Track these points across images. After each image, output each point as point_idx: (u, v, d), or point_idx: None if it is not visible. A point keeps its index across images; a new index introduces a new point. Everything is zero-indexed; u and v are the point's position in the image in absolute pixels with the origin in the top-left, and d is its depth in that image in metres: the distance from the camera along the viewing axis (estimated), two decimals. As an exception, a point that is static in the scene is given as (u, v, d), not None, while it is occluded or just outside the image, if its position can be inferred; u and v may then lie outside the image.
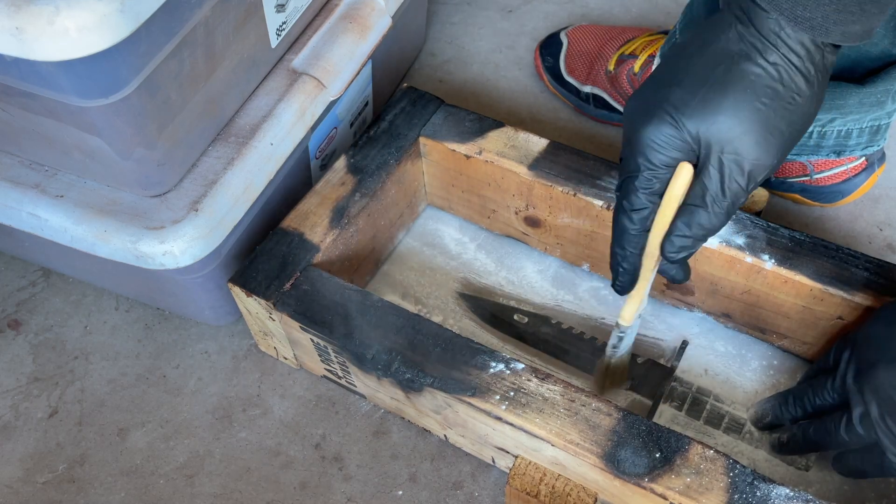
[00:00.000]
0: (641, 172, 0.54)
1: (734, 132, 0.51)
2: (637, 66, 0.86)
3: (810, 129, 0.74)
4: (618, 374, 0.69)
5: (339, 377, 0.71)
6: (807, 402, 0.62)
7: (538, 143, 0.74)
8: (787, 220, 0.83)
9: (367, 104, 0.86)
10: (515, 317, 0.75)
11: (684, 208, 0.54)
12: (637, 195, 0.55)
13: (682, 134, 0.52)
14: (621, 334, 0.64)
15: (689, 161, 0.53)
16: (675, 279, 0.58)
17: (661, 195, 0.55)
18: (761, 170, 0.52)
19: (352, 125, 0.85)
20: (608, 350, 0.67)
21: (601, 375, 0.69)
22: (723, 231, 0.67)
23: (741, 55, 0.51)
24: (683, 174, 0.53)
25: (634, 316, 0.62)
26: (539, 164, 0.72)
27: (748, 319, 0.71)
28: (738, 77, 0.51)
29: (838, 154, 0.77)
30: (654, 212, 0.55)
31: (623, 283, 0.59)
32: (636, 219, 0.56)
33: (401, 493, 0.68)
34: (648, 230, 0.56)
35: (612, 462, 0.56)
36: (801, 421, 0.63)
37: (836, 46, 0.51)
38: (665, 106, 0.52)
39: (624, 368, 0.69)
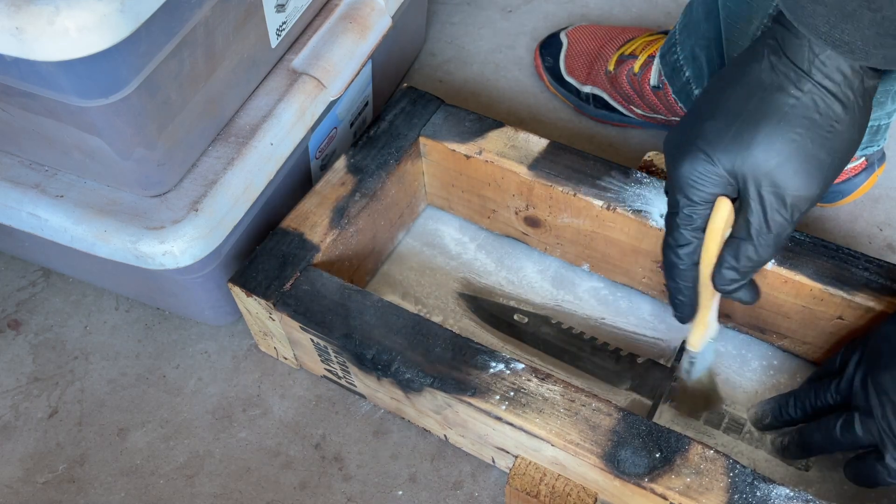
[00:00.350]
0: (681, 209, 0.54)
1: (770, 165, 0.50)
2: (637, 66, 0.86)
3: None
4: (704, 395, 0.68)
5: (339, 377, 0.71)
6: (808, 403, 0.62)
7: (538, 143, 0.74)
8: (787, 220, 0.83)
9: (367, 104, 0.86)
10: (515, 317, 0.75)
11: (731, 241, 0.54)
12: (679, 231, 0.55)
13: (717, 169, 0.51)
14: (692, 360, 0.65)
15: (729, 195, 0.53)
16: (744, 302, 0.58)
17: (703, 230, 0.54)
18: (804, 201, 0.51)
19: (352, 125, 0.85)
20: (682, 374, 0.67)
21: (683, 398, 0.69)
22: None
23: (774, 86, 0.50)
24: (722, 209, 0.53)
25: (701, 342, 0.62)
26: (539, 164, 0.72)
27: (748, 319, 0.71)
28: (771, 109, 0.50)
29: (839, 154, 0.77)
30: (699, 246, 0.55)
31: (682, 313, 0.59)
32: (681, 254, 0.56)
33: (401, 493, 0.68)
34: (697, 263, 0.56)
35: (612, 462, 0.56)
36: (801, 423, 0.63)
37: (877, 70, 0.50)
38: (698, 142, 0.52)
39: (709, 389, 0.68)
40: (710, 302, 0.58)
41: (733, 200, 0.54)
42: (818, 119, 0.50)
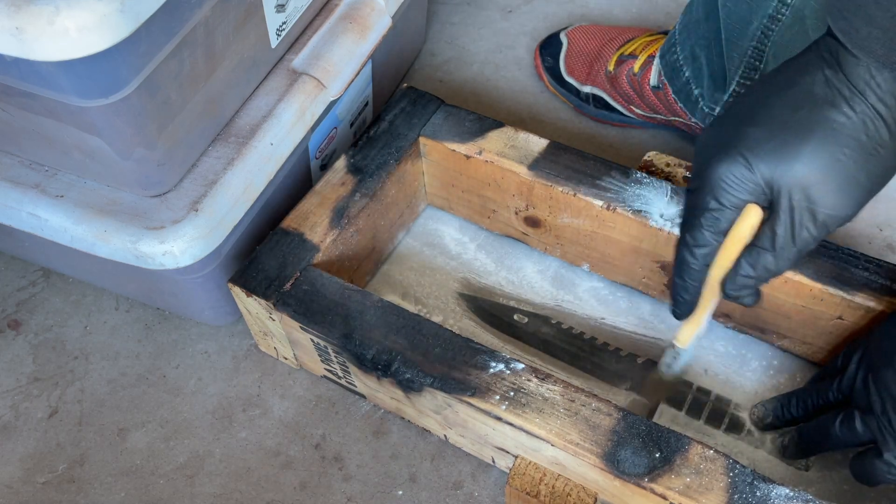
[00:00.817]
0: (708, 210, 0.53)
1: (810, 180, 0.49)
2: (637, 66, 0.86)
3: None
4: (668, 389, 0.68)
5: (339, 377, 0.71)
6: (810, 402, 0.62)
7: (538, 143, 0.74)
8: (787, 220, 0.83)
9: (367, 104, 0.86)
10: (515, 317, 0.75)
11: (751, 249, 0.53)
12: (701, 232, 0.54)
13: (754, 176, 0.51)
14: (676, 355, 0.64)
15: (759, 203, 0.52)
16: (746, 304, 0.57)
17: (725, 234, 0.54)
18: (835, 220, 0.50)
19: (352, 125, 0.85)
20: (662, 367, 0.66)
21: (654, 390, 0.69)
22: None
23: (826, 101, 0.49)
24: (751, 216, 0.52)
25: (691, 339, 0.62)
26: (539, 164, 0.72)
27: (748, 319, 0.71)
28: (821, 123, 0.49)
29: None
30: (716, 249, 0.54)
31: (682, 311, 0.59)
32: (698, 254, 0.55)
33: (401, 493, 0.68)
34: (709, 265, 0.55)
35: (612, 462, 0.56)
36: (803, 423, 0.63)
37: None
38: (739, 146, 0.51)
39: (673, 386, 0.68)
40: (709, 303, 0.58)
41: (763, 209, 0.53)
42: (865, 141, 0.49)
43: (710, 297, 0.58)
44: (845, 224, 0.52)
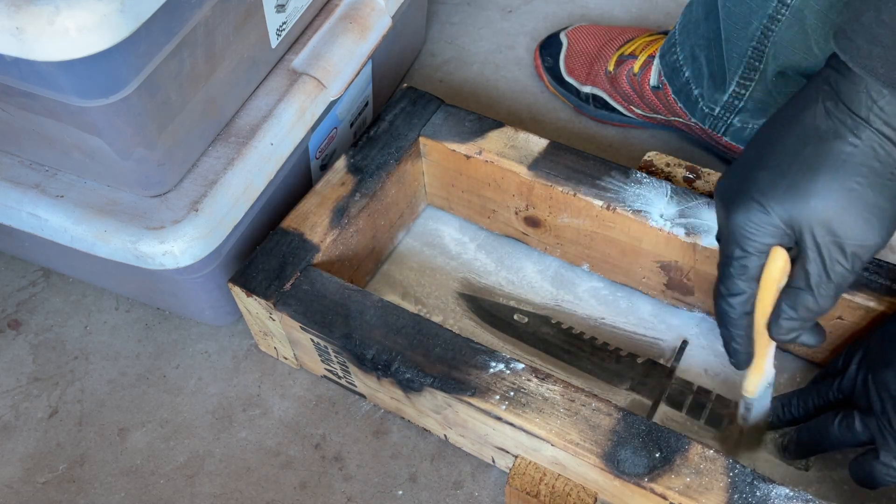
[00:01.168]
0: (735, 259, 0.53)
1: (828, 214, 0.49)
2: (636, 66, 0.86)
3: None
4: (752, 438, 0.67)
5: (339, 377, 0.71)
6: (810, 402, 0.62)
7: (538, 143, 0.74)
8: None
9: (367, 104, 0.86)
10: (515, 317, 0.75)
11: (789, 291, 0.53)
12: (733, 281, 0.53)
13: (772, 220, 0.50)
14: (748, 406, 0.63)
15: (785, 244, 0.52)
16: (809, 346, 0.56)
17: (757, 279, 0.53)
18: (866, 250, 0.50)
19: (352, 125, 0.85)
20: (739, 419, 0.65)
21: (735, 441, 0.67)
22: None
23: (830, 133, 0.48)
24: (777, 259, 0.52)
25: (758, 387, 0.61)
26: (539, 164, 0.72)
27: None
28: (829, 157, 0.48)
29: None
30: (752, 296, 0.54)
31: (738, 361, 0.58)
32: (734, 303, 0.54)
33: (401, 492, 0.68)
34: (750, 312, 0.55)
35: (612, 462, 0.56)
36: (803, 422, 0.63)
37: None
38: (752, 192, 0.50)
39: (759, 433, 0.67)
40: (765, 350, 0.58)
41: (789, 249, 0.52)
42: (878, 167, 0.48)
43: (763, 344, 0.57)
44: (881, 251, 0.51)
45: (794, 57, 0.69)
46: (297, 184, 0.77)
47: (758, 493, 0.54)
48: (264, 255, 0.69)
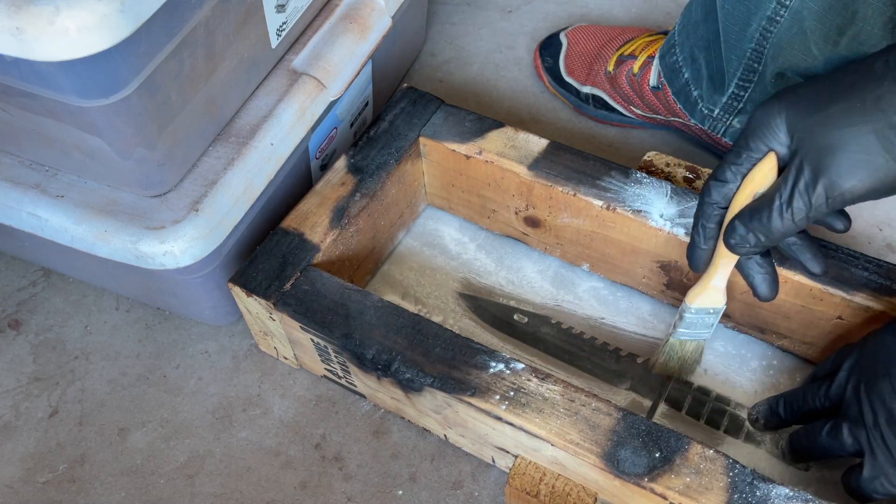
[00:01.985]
0: (734, 149, 0.55)
1: (826, 141, 0.50)
2: (636, 66, 0.86)
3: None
4: (684, 359, 0.67)
5: (339, 377, 0.71)
6: (797, 406, 0.62)
7: (538, 143, 0.74)
8: (786, 221, 0.83)
9: (367, 104, 0.86)
10: (515, 317, 0.75)
11: (754, 200, 0.54)
12: (724, 167, 0.55)
13: (780, 124, 0.52)
14: (682, 313, 0.64)
15: (781, 156, 0.53)
16: (757, 292, 0.57)
17: (743, 177, 0.55)
18: (838, 193, 0.50)
19: (352, 125, 0.85)
20: (669, 328, 0.66)
21: (662, 356, 0.68)
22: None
23: (878, 76, 0.49)
24: (765, 164, 0.54)
25: (698, 300, 0.62)
26: (539, 164, 0.72)
27: (748, 319, 0.71)
28: (861, 90, 0.49)
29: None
30: (732, 191, 0.56)
31: (693, 258, 0.59)
32: (714, 189, 0.56)
33: (401, 492, 0.68)
34: (724, 209, 0.56)
35: (612, 462, 0.56)
36: (794, 424, 0.63)
37: None
38: (784, 93, 0.52)
39: (691, 356, 0.67)
40: (721, 260, 0.59)
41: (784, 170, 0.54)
42: None
43: (721, 255, 0.58)
44: (848, 204, 0.51)
45: (792, 58, 0.69)
46: (297, 184, 0.77)
47: (758, 493, 0.54)
48: (264, 255, 0.69)
